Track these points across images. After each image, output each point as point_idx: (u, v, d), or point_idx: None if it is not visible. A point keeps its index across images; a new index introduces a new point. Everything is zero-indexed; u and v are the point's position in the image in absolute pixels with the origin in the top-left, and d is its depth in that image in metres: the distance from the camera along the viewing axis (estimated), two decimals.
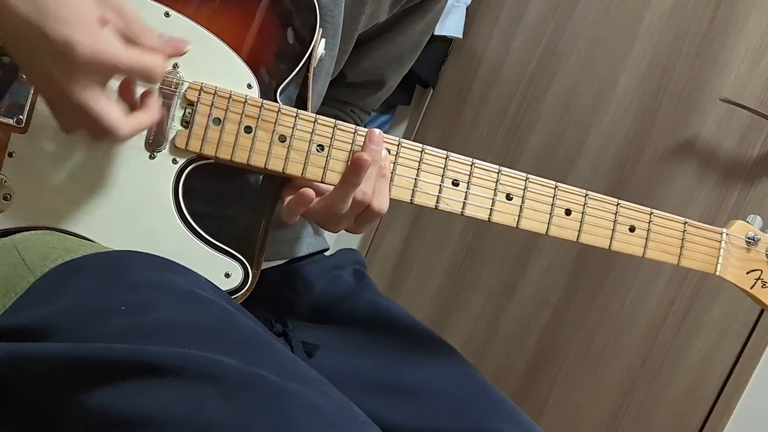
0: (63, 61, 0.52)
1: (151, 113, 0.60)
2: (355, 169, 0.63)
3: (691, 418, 1.50)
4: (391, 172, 0.67)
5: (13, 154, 0.63)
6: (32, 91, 0.63)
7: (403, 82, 0.97)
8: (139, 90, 0.61)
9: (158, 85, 0.63)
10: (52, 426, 0.53)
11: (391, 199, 0.67)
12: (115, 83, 0.58)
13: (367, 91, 0.94)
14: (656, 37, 1.59)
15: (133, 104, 0.60)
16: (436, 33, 1.67)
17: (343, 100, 0.93)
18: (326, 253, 0.93)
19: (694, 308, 1.51)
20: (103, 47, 0.52)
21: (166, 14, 0.64)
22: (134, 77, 0.58)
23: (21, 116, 0.62)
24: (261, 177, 0.75)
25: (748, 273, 0.74)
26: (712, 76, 1.52)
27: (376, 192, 0.65)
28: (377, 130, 0.65)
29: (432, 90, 1.85)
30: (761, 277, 0.74)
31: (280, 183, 0.70)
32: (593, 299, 1.62)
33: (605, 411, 1.59)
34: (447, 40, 1.78)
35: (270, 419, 0.46)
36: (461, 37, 1.75)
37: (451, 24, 1.70)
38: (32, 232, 0.62)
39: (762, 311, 1.45)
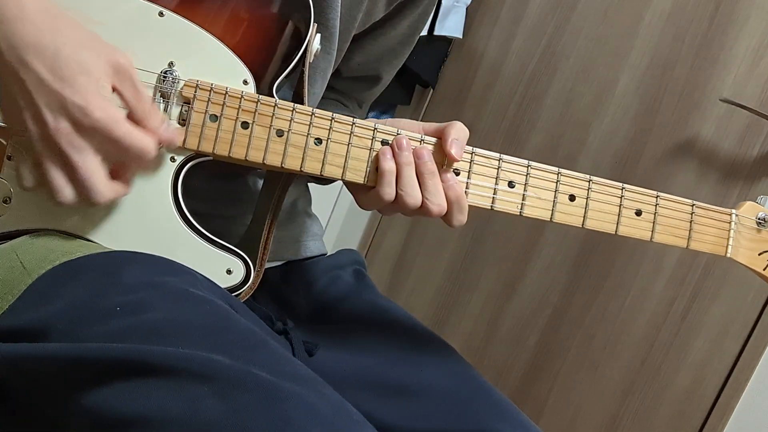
0: (74, 121, 0.55)
1: (127, 188, 0.62)
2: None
3: (691, 418, 1.50)
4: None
5: (12, 157, 0.62)
6: None
7: (403, 82, 0.97)
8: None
9: (154, 83, 0.63)
10: (50, 425, 0.53)
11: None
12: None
13: (364, 85, 0.94)
14: (656, 37, 1.59)
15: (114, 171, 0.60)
16: (435, 33, 1.67)
17: (340, 90, 0.93)
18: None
19: (694, 308, 1.51)
20: (114, 118, 0.56)
21: (160, 14, 0.64)
22: (127, 153, 0.58)
23: None
24: (264, 174, 0.75)
25: (760, 254, 0.72)
26: (712, 76, 1.52)
27: (426, 192, 0.68)
28: (400, 136, 0.66)
29: (432, 90, 1.85)
30: None
31: (284, 180, 0.70)
32: (593, 299, 1.61)
33: (605, 411, 1.59)
34: (447, 40, 1.78)
35: (265, 418, 0.46)
36: (461, 37, 1.75)
37: (451, 24, 1.70)
38: (31, 235, 0.62)
39: (762, 311, 1.45)
